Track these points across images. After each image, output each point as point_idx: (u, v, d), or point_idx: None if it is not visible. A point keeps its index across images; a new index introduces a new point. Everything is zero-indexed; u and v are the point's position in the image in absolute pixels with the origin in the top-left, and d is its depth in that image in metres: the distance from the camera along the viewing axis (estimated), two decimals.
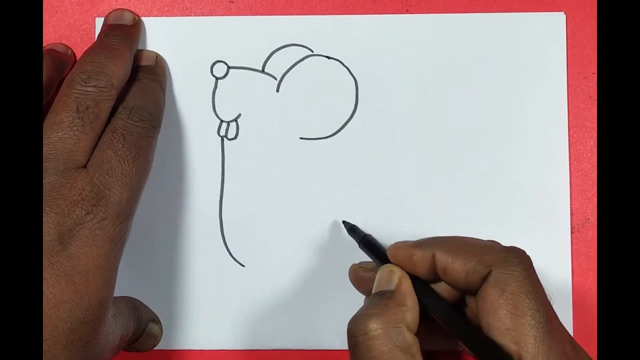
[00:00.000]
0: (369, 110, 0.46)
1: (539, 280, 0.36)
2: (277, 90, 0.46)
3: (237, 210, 0.46)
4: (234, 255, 0.46)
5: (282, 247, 0.46)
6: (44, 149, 0.37)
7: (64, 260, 0.35)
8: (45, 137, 0.37)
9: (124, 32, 0.43)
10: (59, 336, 0.34)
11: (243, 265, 0.46)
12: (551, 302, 0.36)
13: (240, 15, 0.46)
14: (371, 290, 0.39)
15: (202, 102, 0.46)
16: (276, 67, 0.46)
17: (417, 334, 0.36)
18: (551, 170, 0.45)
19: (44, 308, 0.34)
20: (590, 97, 0.46)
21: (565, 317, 0.45)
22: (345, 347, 0.45)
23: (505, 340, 0.34)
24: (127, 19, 0.44)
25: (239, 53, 0.46)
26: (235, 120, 0.46)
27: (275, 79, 0.46)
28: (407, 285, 0.37)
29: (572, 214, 0.45)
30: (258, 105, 0.46)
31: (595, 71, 0.45)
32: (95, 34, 0.45)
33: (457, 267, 0.37)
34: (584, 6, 0.46)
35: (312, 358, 0.46)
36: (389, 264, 0.39)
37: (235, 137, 0.46)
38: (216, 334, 0.46)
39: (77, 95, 0.39)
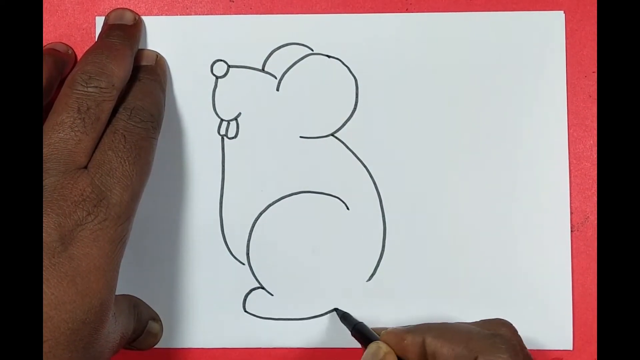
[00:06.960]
0: (369, 109, 0.46)
1: None
2: (277, 89, 0.46)
3: (238, 209, 0.46)
4: (233, 253, 0.46)
5: (282, 245, 0.46)
6: (44, 150, 0.37)
7: (65, 261, 0.35)
8: (46, 137, 0.37)
9: (125, 32, 0.43)
10: (60, 337, 0.34)
11: (243, 264, 0.46)
12: None
13: (240, 14, 0.46)
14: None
15: (202, 101, 0.46)
16: (276, 66, 0.46)
17: None
18: (551, 169, 0.45)
19: (46, 309, 0.34)
20: (590, 96, 0.46)
21: (565, 316, 0.45)
22: (345, 345, 0.46)
23: None
24: (128, 19, 0.44)
25: (239, 52, 0.46)
26: (236, 119, 0.46)
27: (276, 77, 0.46)
28: None
29: (571, 213, 0.45)
30: (258, 104, 0.46)
31: (595, 70, 0.45)
32: (95, 33, 0.45)
33: (445, 352, 0.37)
34: (583, 5, 0.46)
35: (313, 357, 0.46)
36: (378, 341, 0.40)
37: (236, 136, 0.46)
38: (216, 332, 0.46)
39: (78, 96, 0.38)
